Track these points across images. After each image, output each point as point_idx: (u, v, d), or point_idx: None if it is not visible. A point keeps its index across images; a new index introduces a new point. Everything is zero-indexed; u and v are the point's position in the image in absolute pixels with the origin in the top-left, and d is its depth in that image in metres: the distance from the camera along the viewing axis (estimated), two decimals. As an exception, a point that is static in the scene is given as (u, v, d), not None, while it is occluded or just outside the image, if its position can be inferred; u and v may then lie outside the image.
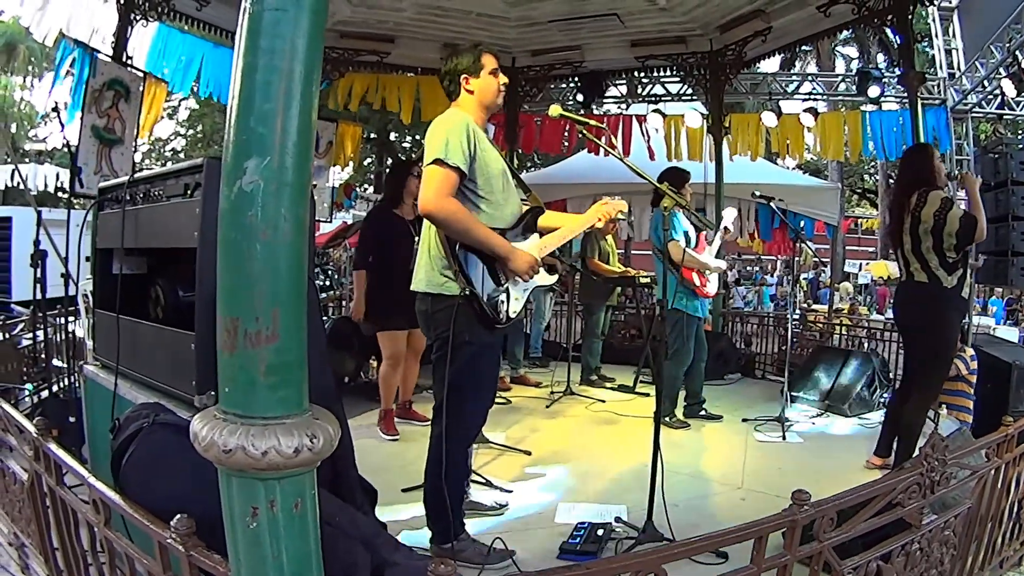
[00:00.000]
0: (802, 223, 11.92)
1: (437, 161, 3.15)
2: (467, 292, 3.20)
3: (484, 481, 4.41)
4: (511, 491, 4.42)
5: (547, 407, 6.89)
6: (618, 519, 3.94)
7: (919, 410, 4.82)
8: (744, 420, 6.54)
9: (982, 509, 3.30)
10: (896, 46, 8.65)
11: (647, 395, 7.36)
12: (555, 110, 3.82)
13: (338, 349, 6.68)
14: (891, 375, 7.65)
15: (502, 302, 3.31)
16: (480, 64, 3.46)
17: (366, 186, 27.07)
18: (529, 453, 5.29)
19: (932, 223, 4.59)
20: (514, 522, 3.99)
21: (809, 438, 6.16)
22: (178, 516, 1.88)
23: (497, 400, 6.38)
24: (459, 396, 3.34)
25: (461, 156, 3.17)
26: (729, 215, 6.77)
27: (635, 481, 4.57)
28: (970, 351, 6.25)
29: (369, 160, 27.33)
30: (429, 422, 3.57)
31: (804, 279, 24.82)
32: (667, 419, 6.05)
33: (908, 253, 4.76)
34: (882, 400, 7.18)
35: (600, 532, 3.66)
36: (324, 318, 7.52)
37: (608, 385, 7.93)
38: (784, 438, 6.04)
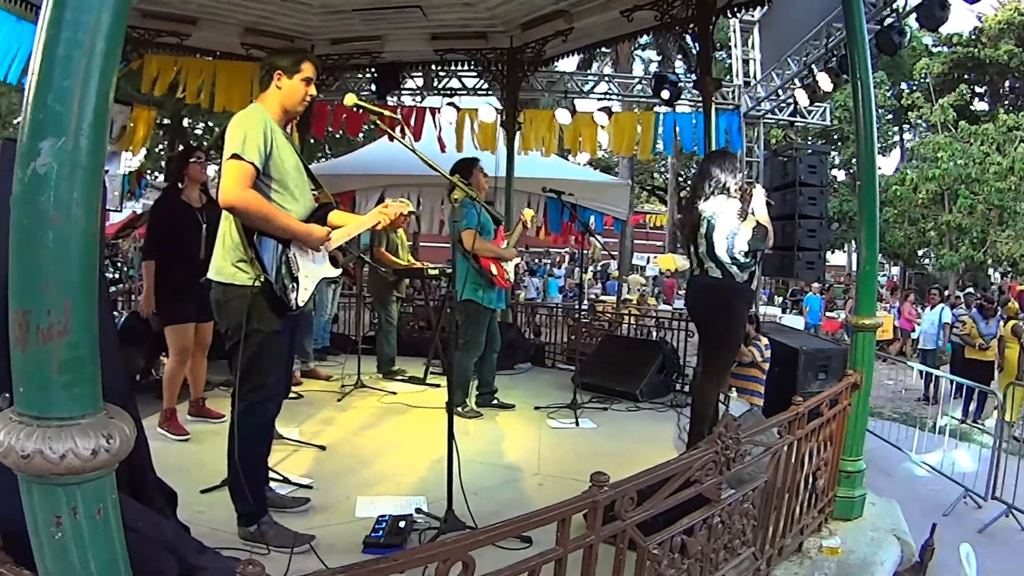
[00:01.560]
0: (591, 217, 12.38)
1: (234, 156, 3.26)
2: (261, 280, 3.31)
3: (281, 478, 4.29)
4: (310, 486, 4.33)
5: (338, 400, 6.76)
6: (418, 510, 3.95)
7: (709, 392, 5.13)
8: (537, 408, 6.70)
9: (778, 482, 3.56)
10: (695, 53, 9.05)
11: (438, 386, 7.40)
12: (350, 99, 3.78)
13: (128, 345, 6.28)
14: (681, 362, 8.08)
15: (292, 289, 3.45)
16: (298, 68, 3.55)
17: (157, 174, 25.54)
18: (323, 448, 5.18)
19: (728, 230, 4.86)
20: (315, 518, 3.90)
21: (602, 423, 6.41)
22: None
23: (288, 395, 6.26)
24: (253, 381, 3.44)
25: (256, 153, 3.30)
26: (528, 215, 6.91)
27: (432, 472, 4.62)
28: (765, 340, 6.73)
29: (161, 147, 25.89)
30: (223, 418, 3.51)
31: (592, 271, 25.84)
32: (460, 409, 6.11)
33: (703, 254, 5.00)
34: (673, 386, 7.62)
35: (402, 524, 3.64)
36: (114, 313, 7.06)
37: (399, 377, 7.89)
38: (577, 424, 6.26)
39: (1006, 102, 34.56)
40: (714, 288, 4.99)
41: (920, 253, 29.92)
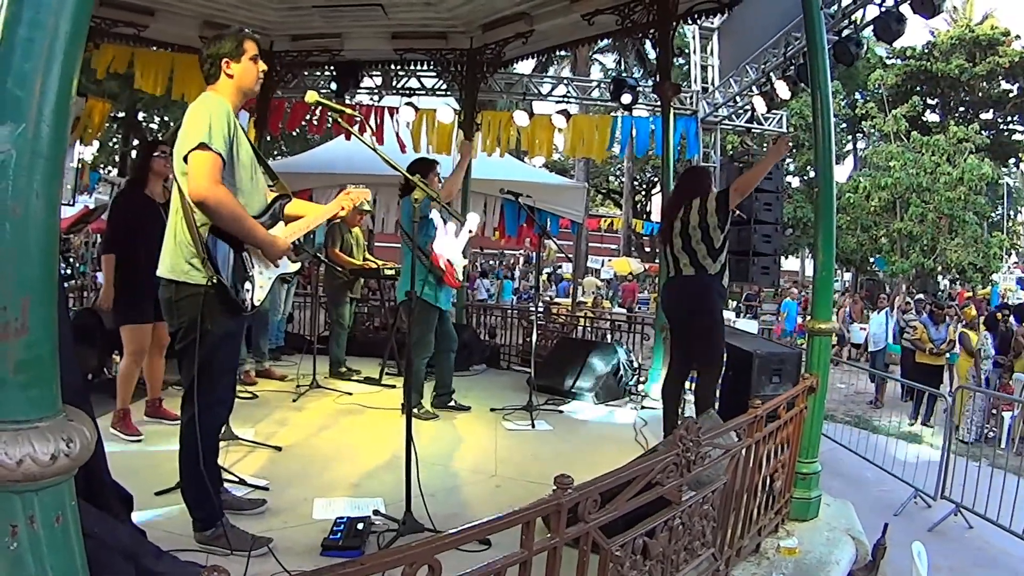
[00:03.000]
0: (547, 220, 12.37)
1: (202, 146, 3.09)
2: (214, 280, 3.19)
3: (238, 479, 4.21)
4: (266, 488, 4.24)
5: (294, 401, 6.67)
6: (376, 512, 3.89)
7: (710, 385, 5.49)
8: (492, 410, 6.68)
9: (737, 484, 3.59)
10: (654, 58, 9.05)
11: (393, 387, 7.37)
12: (312, 96, 3.75)
13: (81, 343, 6.12)
14: (636, 365, 8.14)
15: (247, 289, 3.35)
16: (242, 49, 3.40)
17: (110, 168, 25.03)
18: (280, 448, 5.10)
19: (699, 219, 5.28)
20: (272, 520, 3.83)
21: (558, 425, 6.41)
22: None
23: (243, 394, 6.19)
24: (205, 384, 3.32)
25: (223, 142, 3.16)
26: (472, 220, 6.88)
27: (388, 473, 4.58)
28: None
29: (115, 140, 25.36)
30: (178, 420, 3.43)
31: (545, 273, 25.91)
32: (415, 410, 6.04)
33: (678, 251, 5.39)
34: (628, 388, 7.68)
35: (360, 526, 3.59)
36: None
37: (355, 378, 7.82)
38: (533, 426, 6.25)
39: (956, 114, 35.60)
40: (690, 286, 5.40)
41: (872, 259, 30.50)
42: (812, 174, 27.55)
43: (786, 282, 24.71)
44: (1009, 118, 37.97)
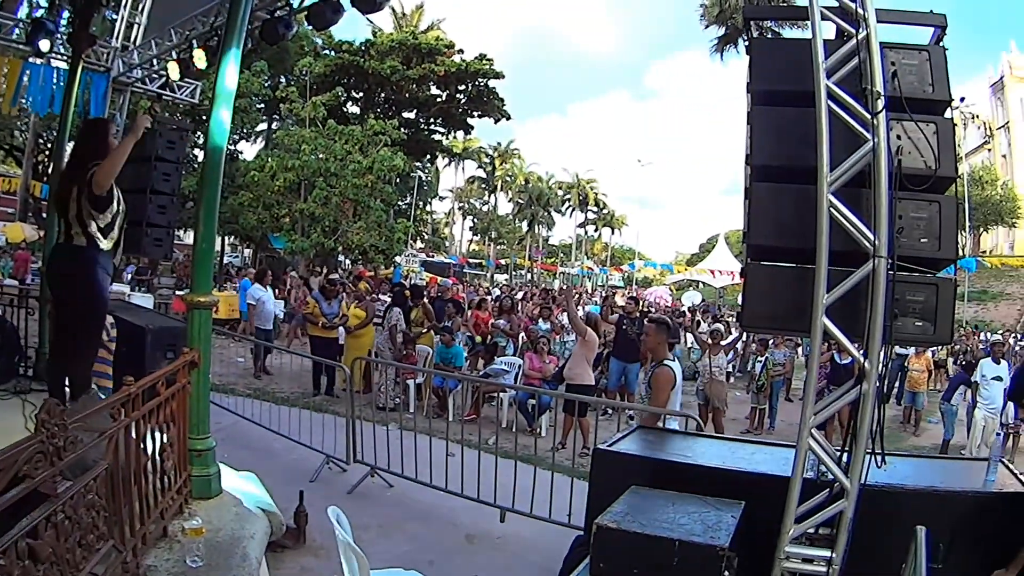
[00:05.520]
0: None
1: None
2: None
3: None
4: None
5: None
6: None
7: (86, 366, 4.99)
8: None
9: (122, 468, 3.41)
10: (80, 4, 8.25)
11: None
12: None
13: None
14: (23, 343, 7.64)
15: None
16: None
17: None
18: None
19: (88, 191, 4.79)
20: None
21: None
22: None
23: None
24: None
25: None
26: None
27: None
28: (110, 318, 6.42)
29: None
30: None
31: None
32: None
33: (72, 219, 4.87)
34: (16, 369, 7.19)
35: None
36: None
37: None
38: None
39: (378, 109, 39.07)
40: (78, 257, 4.95)
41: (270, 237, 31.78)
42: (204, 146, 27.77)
43: (185, 256, 24.46)
44: (432, 120, 42.79)
